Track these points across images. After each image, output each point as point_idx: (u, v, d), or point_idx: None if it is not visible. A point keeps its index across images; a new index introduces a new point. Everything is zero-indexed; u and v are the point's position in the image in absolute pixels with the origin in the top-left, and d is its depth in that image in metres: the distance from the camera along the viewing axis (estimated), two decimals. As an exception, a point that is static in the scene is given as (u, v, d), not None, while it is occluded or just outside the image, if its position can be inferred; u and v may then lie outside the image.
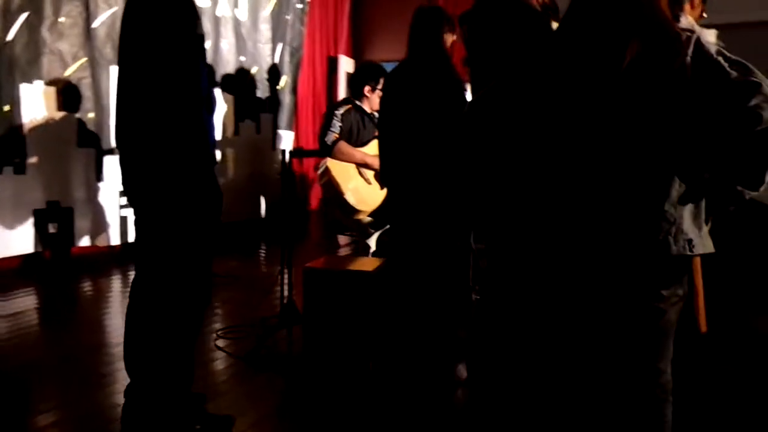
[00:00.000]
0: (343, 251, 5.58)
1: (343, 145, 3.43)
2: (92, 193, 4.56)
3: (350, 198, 3.41)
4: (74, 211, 4.46)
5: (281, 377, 2.75)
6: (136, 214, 2.14)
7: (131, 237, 4.85)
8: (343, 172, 3.44)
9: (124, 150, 2.08)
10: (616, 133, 1.46)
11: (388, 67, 3.91)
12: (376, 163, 3.43)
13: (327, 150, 3.41)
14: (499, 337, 2.05)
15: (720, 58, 1.38)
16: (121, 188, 4.67)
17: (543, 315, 1.85)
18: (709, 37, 1.46)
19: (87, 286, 4.53)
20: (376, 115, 3.68)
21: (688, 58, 1.38)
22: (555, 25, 2.14)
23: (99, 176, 4.60)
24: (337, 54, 7.31)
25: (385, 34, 7.94)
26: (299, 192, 6.48)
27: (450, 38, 2.98)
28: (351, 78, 3.72)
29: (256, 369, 2.84)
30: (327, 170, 3.42)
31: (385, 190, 3.40)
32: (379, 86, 3.61)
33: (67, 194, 4.42)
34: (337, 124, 3.45)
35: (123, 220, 4.76)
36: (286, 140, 6.33)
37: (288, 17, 6.17)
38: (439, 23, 2.94)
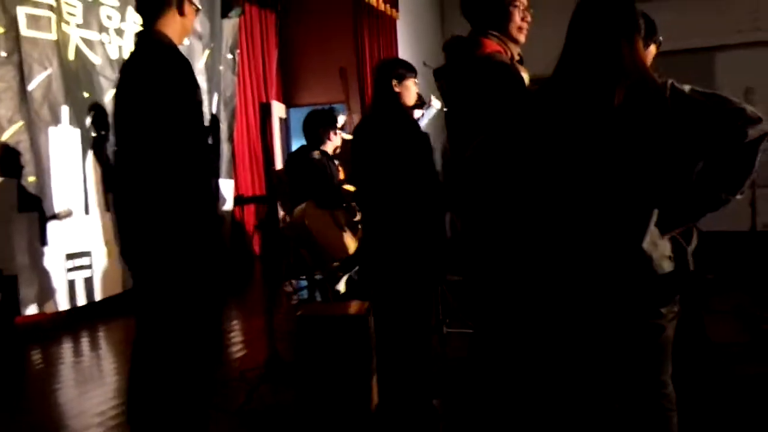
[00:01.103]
0: (296, 298, 5.59)
1: None
2: (37, 258, 4.37)
3: (325, 244, 3.48)
4: (19, 279, 4.26)
5: (280, 430, 2.75)
6: (138, 278, 2.13)
7: (80, 301, 4.67)
8: (319, 219, 3.52)
9: (127, 216, 2.08)
10: (609, 167, 1.67)
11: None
12: None
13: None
14: (504, 365, 2.17)
15: (696, 96, 1.61)
16: (69, 251, 4.56)
17: (549, 340, 2.00)
18: None
19: (37, 357, 4.31)
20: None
21: (668, 99, 1.61)
22: (524, 72, 2.34)
23: (43, 240, 4.42)
24: (269, 100, 7.39)
25: (312, 79, 8.12)
26: (245, 239, 6.45)
27: (410, 83, 3.11)
28: (309, 125, 3.84)
29: (250, 423, 2.83)
30: (303, 215, 3.48)
31: (356, 237, 3.50)
32: (339, 127, 3.80)
33: (11, 261, 4.22)
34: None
35: (71, 284, 4.59)
36: (227, 189, 6.31)
37: (221, 68, 6.22)
38: (388, 76, 3.08)
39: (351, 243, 3.56)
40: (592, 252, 1.69)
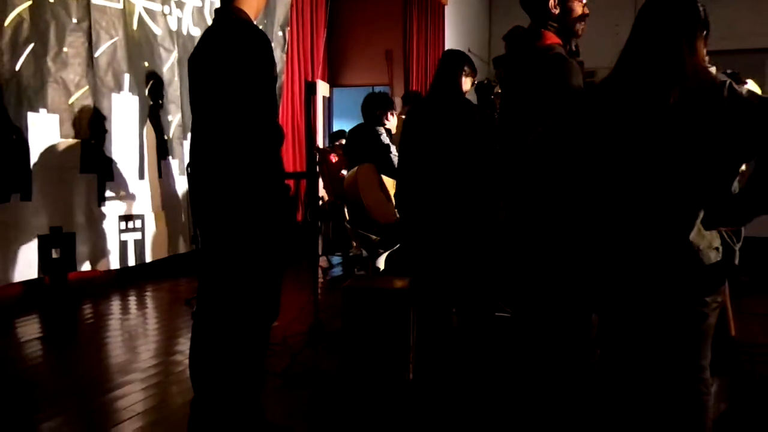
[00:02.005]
0: (330, 273, 5.76)
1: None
2: (94, 218, 4.61)
3: (369, 205, 3.58)
4: (76, 237, 4.50)
5: (322, 393, 2.89)
6: (207, 240, 2.29)
7: (131, 261, 4.90)
8: (370, 181, 3.65)
9: (200, 182, 2.23)
10: (661, 161, 1.75)
11: (360, 92, 4.37)
12: None
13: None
14: (548, 346, 2.28)
15: (752, 99, 1.68)
16: (122, 213, 4.78)
17: (592, 323, 2.11)
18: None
19: (88, 312, 4.55)
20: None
21: (724, 99, 1.68)
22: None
23: (101, 201, 4.65)
24: (314, 79, 7.52)
25: (358, 60, 8.23)
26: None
27: (468, 80, 3.24)
28: (368, 106, 4.11)
29: (293, 385, 2.99)
30: (356, 173, 3.60)
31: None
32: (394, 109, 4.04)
33: (70, 220, 4.45)
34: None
35: (123, 245, 4.82)
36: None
37: (272, 44, 6.36)
38: (458, 67, 3.19)
39: (393, 214, 3.68)
40: (641, 240, 1.78)
